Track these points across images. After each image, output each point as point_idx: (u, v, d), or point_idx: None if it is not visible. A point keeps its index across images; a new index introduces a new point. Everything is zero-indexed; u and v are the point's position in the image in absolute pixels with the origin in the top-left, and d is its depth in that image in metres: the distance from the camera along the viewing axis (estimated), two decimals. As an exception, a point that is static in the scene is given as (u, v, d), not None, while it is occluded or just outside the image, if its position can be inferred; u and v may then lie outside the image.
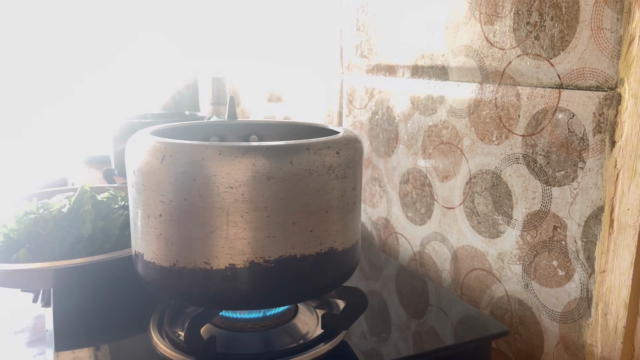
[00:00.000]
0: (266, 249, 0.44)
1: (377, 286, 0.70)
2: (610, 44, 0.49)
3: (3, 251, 0.65)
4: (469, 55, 0.65)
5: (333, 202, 0.47)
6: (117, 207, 0.73)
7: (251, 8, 1.40)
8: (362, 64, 0.88)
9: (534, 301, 0.59)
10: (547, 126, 0.56)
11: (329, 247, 0.47)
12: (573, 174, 0.53)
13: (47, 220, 0.66)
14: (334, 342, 0.52)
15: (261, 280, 0.45)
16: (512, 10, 0.59)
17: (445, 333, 0.57)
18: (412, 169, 0.79)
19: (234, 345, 0.52)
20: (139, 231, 0.48)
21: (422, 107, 0.75)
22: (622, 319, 0.50)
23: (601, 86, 0.50)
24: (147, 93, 1.91)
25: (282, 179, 0.43)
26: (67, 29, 1.77)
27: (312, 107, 1.09)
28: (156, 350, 0.51)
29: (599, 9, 0.49)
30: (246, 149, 0.43)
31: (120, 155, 1.15)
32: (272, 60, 1.29)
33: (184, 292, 0.46)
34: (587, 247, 0.53)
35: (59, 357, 0.51)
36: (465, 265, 0.70)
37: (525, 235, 0.60)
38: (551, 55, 0.55)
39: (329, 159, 0.45)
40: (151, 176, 0.45)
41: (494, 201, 0.64)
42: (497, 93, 0.62)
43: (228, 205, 0.43)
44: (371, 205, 0.90)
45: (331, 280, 0.50)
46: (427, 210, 0.76)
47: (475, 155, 0.66)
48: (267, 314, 0.54)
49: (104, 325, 0.58)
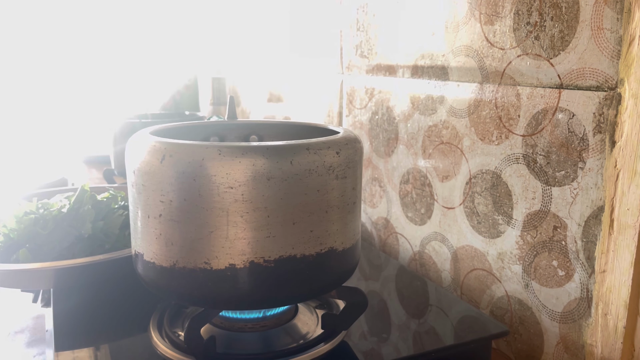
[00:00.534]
0: (266, 249, 0.44)
1: (377, 286, 0.70)
2: (610, 44, 0.49)
3: (3, 251, 0.65)
4: (469, 55, 0.65)
5: (333, 202, 0.47)
6: (117, 207, 0.73)
7: (251, 8, 1.40)
8: (362, 64, 0.88)
9: (534, 301, 0.59)
10: (547, 126, 0.56)
11: (329, 247, 0.47)
12: (573, 174, 0.53)
13: (47, 220, 0.66)
14: (334, 342, 0.52)
15: (261, 280, 0.45)
16: (512, 10, 0.59)
17: (445, 333, 0.57)
18: (412, 169, 0.79)
19: (234, 345, 0.52)
20: (139, 231, 0.48)
21: (422, 107, 0.75)
22: (622, 319, 0.50)
23: (601, 86, 0.50)
24: (147, 93, 1.90)
25: (282, 179, 0.43)
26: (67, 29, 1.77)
27: (312, 107, 1.09)
28: (156, 350, 0.51)
29: (599, 9, 0.49)
30: (246, 149, 0.43)
31: (120, 155, 1.15)
32: (272, 60, 1.29)
33: (184, 292, 0.46)
34: (587, 247, 0.53)
35: (59, 357, 0.51)
36: (465, 265, 0.70)
37: (525, 235, 0.60)
38: (551, 55, 0.55)
39: (329, 159, 0.45)
40: (151, 176, 0.45)
41: (494, 201, 0.64)
42: (497, 93, 0.62)
43: (228, 205, 0.43)
44: (371, 205, 0.90)
45: (331, 280, 0.50)
46: (427, 210, 0.76)
47: (475, 155, 0.66)
48: (267, 314, 0.54)
49: (104, 325, 0.58)
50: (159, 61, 1.91)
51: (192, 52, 1.93)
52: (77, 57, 1.80)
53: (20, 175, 1.42)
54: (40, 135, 1.76)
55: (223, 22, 1.63)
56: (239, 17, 1.49)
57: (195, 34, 1.90)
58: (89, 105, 1.81)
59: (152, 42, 1.90)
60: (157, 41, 1.90)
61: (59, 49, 1.77)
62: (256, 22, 1.37)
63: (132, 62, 1.88)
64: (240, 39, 1.50)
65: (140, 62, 1.89)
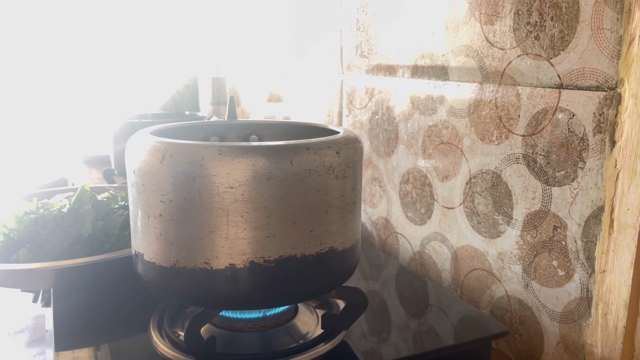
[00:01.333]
0: (266, 249, 0.44)
1: (377, 286, 0.70)
2: (610, 44, 0.49)
3: (3, 251, 0.65)
4: (469, 55, 0.65)
5: (333, 202, 0.47)
6: (117, 207, 0.73)
7: (251, 8, 1.40)
8: (362, 64, 0.88)
9: (534, 301, 0.59)
10: (547, 126, 0.56)
11: (329, 247, 0.47)
12: (573, 174, 0.53)
13: (47, 220, 0.66)
14: (334, 342, 0.52)
15: (261, 280, 0.45)
16: (512, 10, 0.59)
17: (445, 333, 0.57)
18: (412, 169, 0.79)
19: (234, 345, 0.52)
20: (139, 231, 0.48)
21: (422, 107, 0.75)
22: (622, 319, 0.50)
23: (601, 86, 0.50)
24: (147, 93, 1.90)
25: (282, 178, 0.43)
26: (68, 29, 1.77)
27: (312, 107, 1.09)
28: (156, 350, 0.51)
29: (599, 9, 0.49)
30: (246, 149, 0.43)
31: (120, 155, 1.15)
32: (272, 60, 1.29)
33: (184, 292, 0.46)
34: (587, 247, 0.53)
35: (59, 357, 0.51)
36: (465, 265, 0.70)
37: (525, 235, 0.60)
38: (551, 55, 0.55)
39: (329, 158, 0.45)
40: (151, 176, 0.45)
41: (494, 201, 0.64)
42: (497, 93, 0.62)
43: (228, 205, 0.43)
44: (371, 205, 0.90)
45: (331, 280, 0.50)
46: (427, 210, 0.76)
47: (475, 155, 0.66)
48: (267, 314, 0.54)
49: (104, 325, 0.58)
50: (159, 61, 1.91)
51: (192, 52, 1.93)
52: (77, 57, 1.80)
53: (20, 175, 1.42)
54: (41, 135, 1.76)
55: (223, 22, 1.63)
56: (239, 17, 1.49)
57: (195, 34, 1.90)
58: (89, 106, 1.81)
59: (152, 42, 1.90)
60: (157, 41, 1.90)
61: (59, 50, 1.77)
62: (256, 22, 1.37)
63: (132, 63, 1.88)
64: (240, 38, 1.50)
65: (140, 62, 1.89)
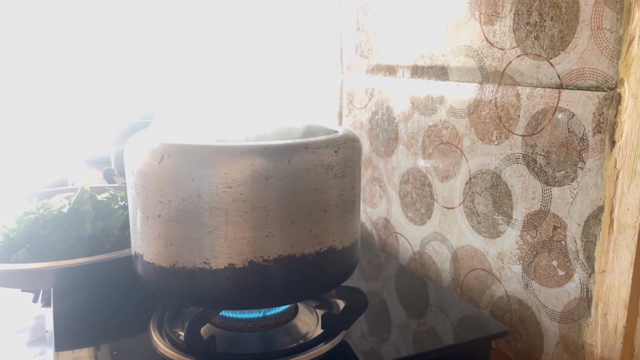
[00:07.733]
0: (265, 248, 0.44)
1: (377, 286, 0.70)
2: (610, 44, 0.49)
3: (3, 251, 0.65)
4: (469, 55, 0.65)
5: (332, 201, 0.47)
6: (117, 207, 0.73)
7: (251, 8, 1.40)
8: (362, 64, 0.88)
9: (534, 301, 0.59)
10: (547, 126, 0.56)
11: (328, 246, 0.47)
12: (573, 174, 0.53)
13: (47, 220, 0.66)
14: (334, 342, 0.52)
15: (261, 280, 0.45)
16: (512, 10, 0.59)
17: (445, 333, 0.57)
18: (412, 169, 0.79)
19: (234, 345, 0.52)
20: (138, 232, 0.48)
21: (422, 107, 0.75)
22: (622, 319, 0.50)
23: (601, 86, 0.50)
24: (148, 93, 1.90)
25: (281, 178, 0.43)
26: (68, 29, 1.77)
27: (312, 107, 1.09)
28: (156, 350, 0.51)
29: (598, 9, 0.49)
30: (244, 149, 0.43)
31: (121, 155, 1.14)
32: (272, 60, 1.29)
33: (184, 292, 0.46)
34: (587, 247, 0.53)
35: (59, 357, 0.51)
36: (465, 265, 0.69)
37: (525, 235, 0.60)
38: (551, 55, 0.54)
39: (327, 158, 0.45)
40: (150, 177, 0.45)
41: (493, 201, 0.64)
42: (497, 93, 0.62)
43: (227, 205, 0.43)
44: (371, 205, 0.90)
45: (331, 279, 0.50)
46: (427, 210, 0.76)
47: (475, 155, 0.66)
48: (267, 314, 0.54)
49: (104, 325, 0.58)
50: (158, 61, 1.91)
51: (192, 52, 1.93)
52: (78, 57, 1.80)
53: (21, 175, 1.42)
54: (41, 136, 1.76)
55: (223, 22, 1.63)
56: (239, 17, 1.49)
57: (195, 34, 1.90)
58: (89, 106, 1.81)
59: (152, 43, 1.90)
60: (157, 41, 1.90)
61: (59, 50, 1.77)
62: (256, 22, 1.37)
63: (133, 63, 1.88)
64: (240, 38, 1.50)
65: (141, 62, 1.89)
